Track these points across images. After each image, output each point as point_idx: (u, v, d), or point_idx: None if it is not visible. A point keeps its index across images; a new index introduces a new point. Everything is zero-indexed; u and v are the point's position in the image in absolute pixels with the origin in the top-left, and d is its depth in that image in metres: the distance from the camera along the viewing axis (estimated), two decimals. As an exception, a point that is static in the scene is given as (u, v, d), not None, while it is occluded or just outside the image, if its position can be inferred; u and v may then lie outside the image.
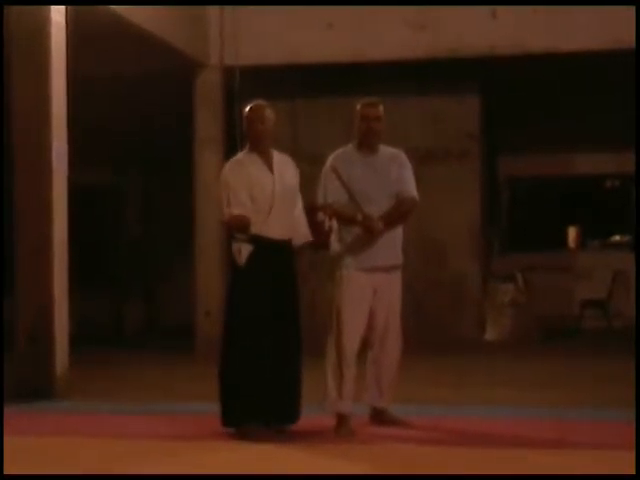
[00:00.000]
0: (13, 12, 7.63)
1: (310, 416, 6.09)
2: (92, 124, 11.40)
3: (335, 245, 6.07)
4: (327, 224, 6.01)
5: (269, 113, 5.96)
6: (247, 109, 5.98)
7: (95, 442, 5.91)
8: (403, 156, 6.21)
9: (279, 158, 6.02)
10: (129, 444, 5.83)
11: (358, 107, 6.12)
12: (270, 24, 10.90)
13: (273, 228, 5.83)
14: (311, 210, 5.90)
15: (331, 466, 5.13)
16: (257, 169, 5.89)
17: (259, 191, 5.83)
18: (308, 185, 6.18)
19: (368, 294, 6.01)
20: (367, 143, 6.10)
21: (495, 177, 15.10)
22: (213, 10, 11.06)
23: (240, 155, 6.00)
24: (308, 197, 6.14)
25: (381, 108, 6.12)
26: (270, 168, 5.93)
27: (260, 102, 6.01)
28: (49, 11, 7.56)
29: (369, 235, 5.94)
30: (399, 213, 6.08)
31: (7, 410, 6.66)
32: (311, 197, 6.11)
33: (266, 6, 10.74)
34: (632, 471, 4.66)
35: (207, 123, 11.19)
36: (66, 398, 7.51)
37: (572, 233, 15.58)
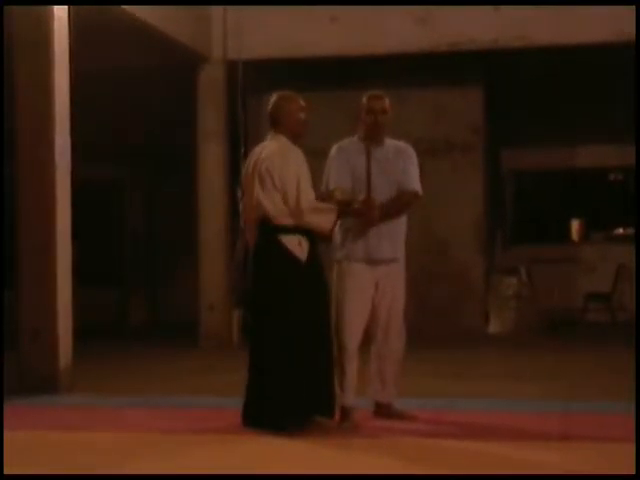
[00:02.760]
0: (15, 7, 7.62)
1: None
2: (95, 119, 11.43)
3: (336, 237, 6.06)
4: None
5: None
6: (287, 97, 5.92)
7: (99, 436, 5.92)
8: (410, 150, 6.19)
9: None
10: (133, 438, 5.83)
11: (364, 100, 6.10)
12: (273, 18, 10.90)
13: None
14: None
15: (334, 459, 5.14)
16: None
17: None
18: (312, 177, 6.16)
19: (369, 287, 6.01)
20: (373, 136, 6.08)
21: (498, 170, 15.10)
22: (216, 4, 11.05)
23: (285, 142, 5.83)
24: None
25: (387, 101, 6.10)
26: None
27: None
28: (52, 6, 7.56)
29: (364, 220, 5.91)
30: (397, 205, 6.05)
31: (11, 404, 6.67)
32: (315, 190, 6.09)
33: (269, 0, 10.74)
34: (632, 465, 4.66)
35: (210, 117, 11.20)
36: (70, 392, 7.53)
37: (576, 226, 15.59)
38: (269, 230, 5.69)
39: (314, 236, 5.76)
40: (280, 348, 5.65)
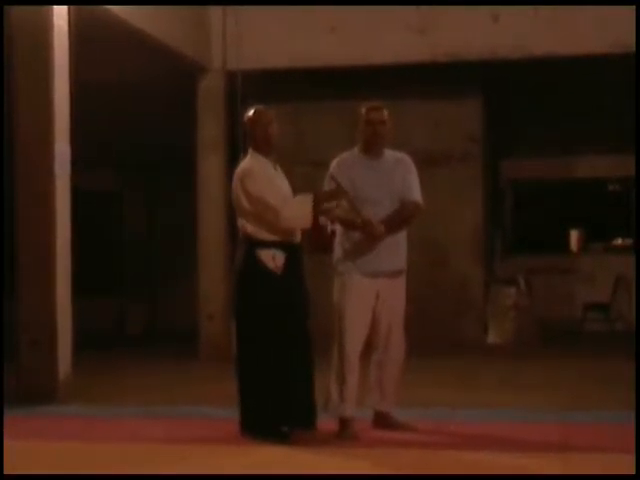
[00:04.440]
0: (15, 17, 7.64)
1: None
2: (95, 128, 11.43)
3: (337, 249, 6.07)
4: (329, 228, 6.01)
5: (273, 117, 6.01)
6: (253, 113, 5.99)
7: (98, 446, 5.92)
8: (408, 160, 6.20)
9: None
10: (132, 448, 5.83)
11: (363, 111, 6.11)
12: (273, 28, 10.91)
13: (296, 232, 5.90)
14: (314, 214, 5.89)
15: (333, 469, 5.13)
16: (273, 173, 5.93)
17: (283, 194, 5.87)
18: (311, 188, 6.18)
19: (370, 298, 6.01)
20: (372, 147, 6.10)
21: (497, 180, 15.11)
22: (216, 14, 11.08)
23: (253, 158, 5.94)
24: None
25: (386, 112, 6.12)
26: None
27: (263, 107, 6.04)
28: (52, 16, 7.58)
29: (369, 239, 5.93)
30: (401, 218, 6.07)
31: (10, 415, 6.65)
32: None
33: (268, 7, 10.75)
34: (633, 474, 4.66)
35: (210, 127, 11.21)
36: (69, 402, 7.51)
37: (574, 236, 15.60)
38: (247, 244, 5.84)
39: (293, 250, 5.82)
40: (255, 359, 5.76)
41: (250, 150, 6.00)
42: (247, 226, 5.84)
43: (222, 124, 11.21)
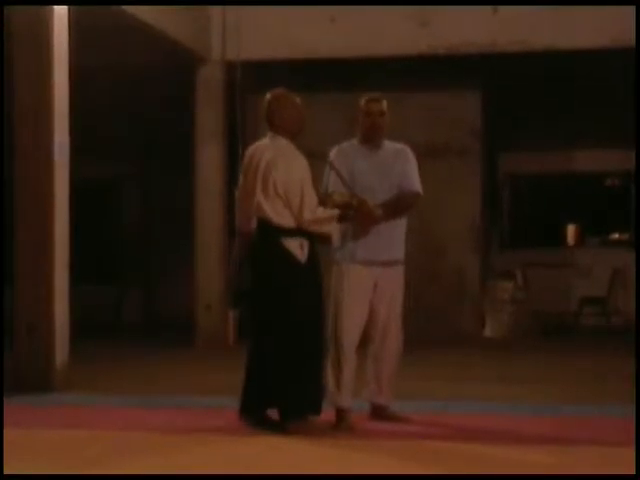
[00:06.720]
0: (15, 6, 7.62)
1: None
2: (93, 118, 11.43)
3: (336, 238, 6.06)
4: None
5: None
6: (272, 96, 5.94)
7: (94, 435, 5.91)
8: (408, 151, 6.20)
9: None
10: (129, 437, 5.83)
11: (362, 102, 6.11)
12: (272, 19, 10.91)
13: None
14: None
15: (331, 460, 5.13)
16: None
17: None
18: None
19: (368, 287, 6.01)
20: (371, 138, 6.10)
21: (495, 174, 15.11)
22: (215, 4, 11.05)
23: (282, 141, 5.85)
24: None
25: (385, 103, 6.11)
26: None
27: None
28: (52, 5, 7.56)
29: (365, 221, 5.90)
30: (399, 204, 6.05)
31: (6, 403, 6.66)
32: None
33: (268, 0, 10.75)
34: (631, 468, 4.66)
35: (208, 117, 11.21)
36: (65, 391, 7.52)
37: (572, 230, 15.60)
38: (270, 232, 5.70)
39: (314, 238, 5.78)
40: (278, 348, 5.68)
41: (273, 135, 5.86)
42: (269, 212, 5.69)
43: (221, 114, 11.21)
